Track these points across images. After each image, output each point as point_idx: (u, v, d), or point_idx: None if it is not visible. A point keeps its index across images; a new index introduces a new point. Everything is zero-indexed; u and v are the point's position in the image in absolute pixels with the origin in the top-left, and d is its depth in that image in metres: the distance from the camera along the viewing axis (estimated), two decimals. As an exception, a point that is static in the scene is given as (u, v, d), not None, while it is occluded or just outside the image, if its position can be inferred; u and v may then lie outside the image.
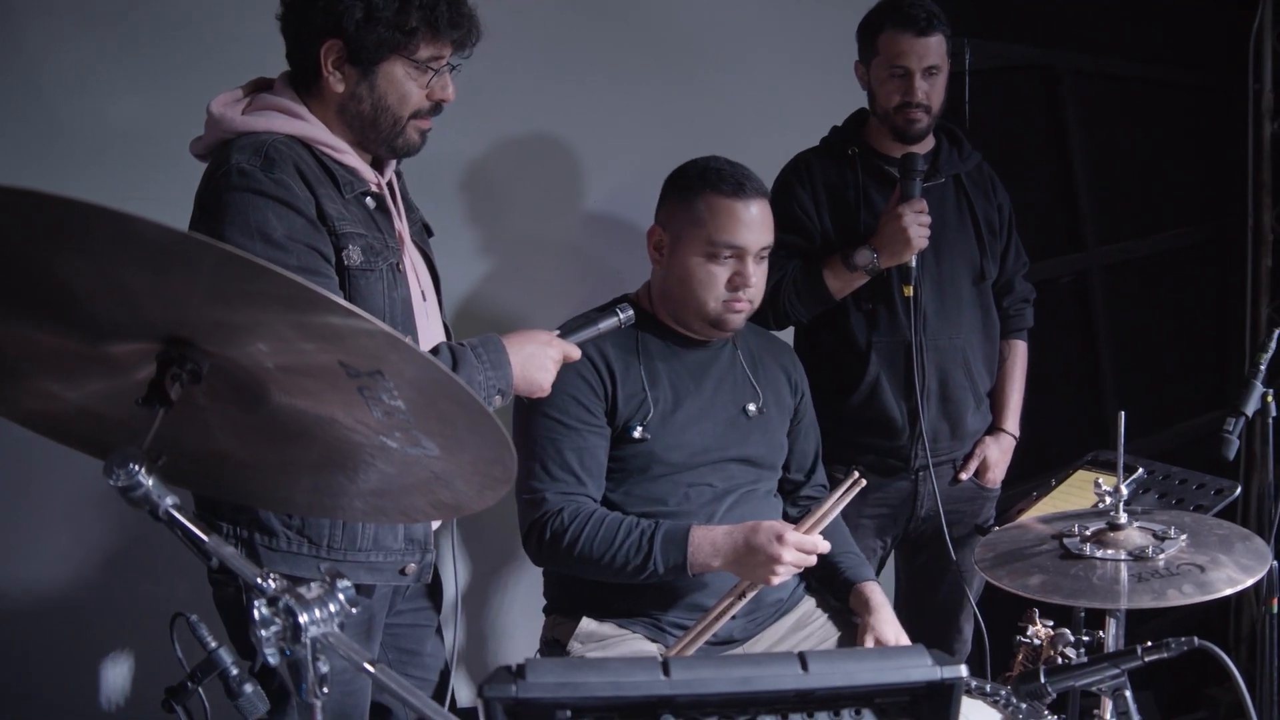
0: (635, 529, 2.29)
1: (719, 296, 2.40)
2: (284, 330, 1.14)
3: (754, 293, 2.43)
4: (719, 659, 1.99)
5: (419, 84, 2.03)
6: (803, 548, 2.20)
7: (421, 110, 2.05)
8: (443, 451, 1.26)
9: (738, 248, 2.38)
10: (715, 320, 2.42)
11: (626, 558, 2.27)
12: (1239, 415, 2.20)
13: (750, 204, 2.39)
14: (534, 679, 1.06)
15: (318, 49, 1.98)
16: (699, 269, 2.39)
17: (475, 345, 2.03)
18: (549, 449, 2.35)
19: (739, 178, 2.40)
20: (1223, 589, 1.86)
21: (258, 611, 1.09)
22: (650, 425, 2.38)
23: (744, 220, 2.38)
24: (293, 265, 1.87)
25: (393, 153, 2.10)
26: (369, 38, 1.95)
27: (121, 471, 1.19)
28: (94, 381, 1.36)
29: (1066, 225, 4.33)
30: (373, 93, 2.01)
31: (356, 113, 2.03)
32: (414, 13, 1.95)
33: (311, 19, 1.98)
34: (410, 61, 2.00)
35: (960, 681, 1.18)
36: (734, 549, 2.24)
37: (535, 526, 2.34)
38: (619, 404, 2.38)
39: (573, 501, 2.34)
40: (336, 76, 2.00)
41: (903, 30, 2.78)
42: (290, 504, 1.72)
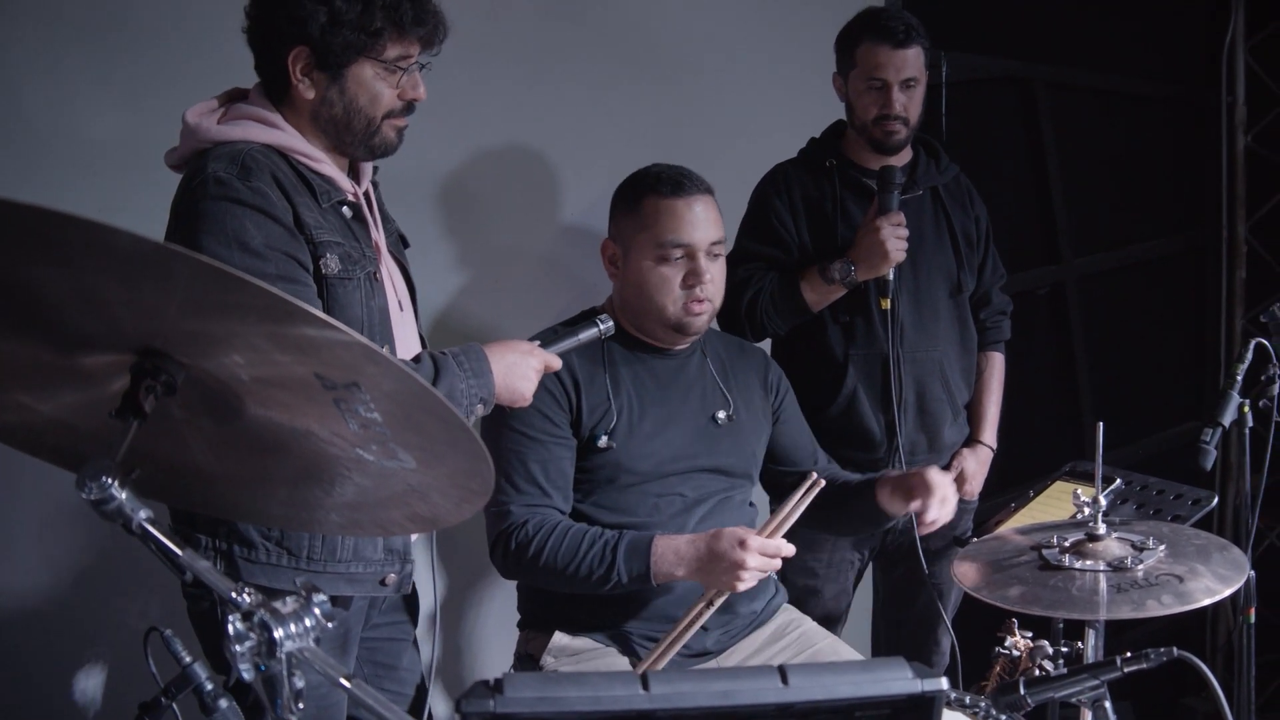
0: (599, 540, 2.28)
1: (676, 299, 2.39)
2: (259, 342, 1.13)
3: (712, 290, 2.42)
4: (698, 672, 1.98)
5: (389, 84, 2.02)
6: (765, 551, 2.18)
7: (394, 110, 2.05)
8: (420, 464, 1.25)
9: (685, 245, 2.38)
10: (676, 324, 2.41)
11: (590, 568, 2.26)
12: (1216, 426, 2.21)
13: (692, 201, 2.39)
14: (512, 694, 1.05)
15: (285, 57, 1.98)
16: (651, 273, 2.39)
17: (457, 354, 2.02)
18: (514, 462, 2.34)
19: (678, 177, 2.42)
20: (1202, 599, 1.87)
21: (232, 626, 1.07)
22: (616, 435, 2.37)
23: (687, 218, 2.38)
24: (271, 274, 1.86)
25: (371, 154, 2.10)
26: (335, 42, 1.95)
27: (94, 485, 1.17)
28: (67, 393, 1.34)
29: (1043, 237, 4.36)
30: (343, 96, 2.00)
31: (329, 118, 2.02)
32: (378, 14, 1.95)
33: (276, 28, 1.98)
34: (378, 62, 1.99)
35: (941, 694, 1.18)
36: (697, 557, 2.22)
37: (501, 538, 2.33)
38: (584, 414, 2.37)
39: (538, 513, 2.33)
40: (306, 83, 1.99)
41: (881, 42, 2.79)
42: (265, 517, 1.70)
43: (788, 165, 2.99)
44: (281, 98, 2.03)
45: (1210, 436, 2.21)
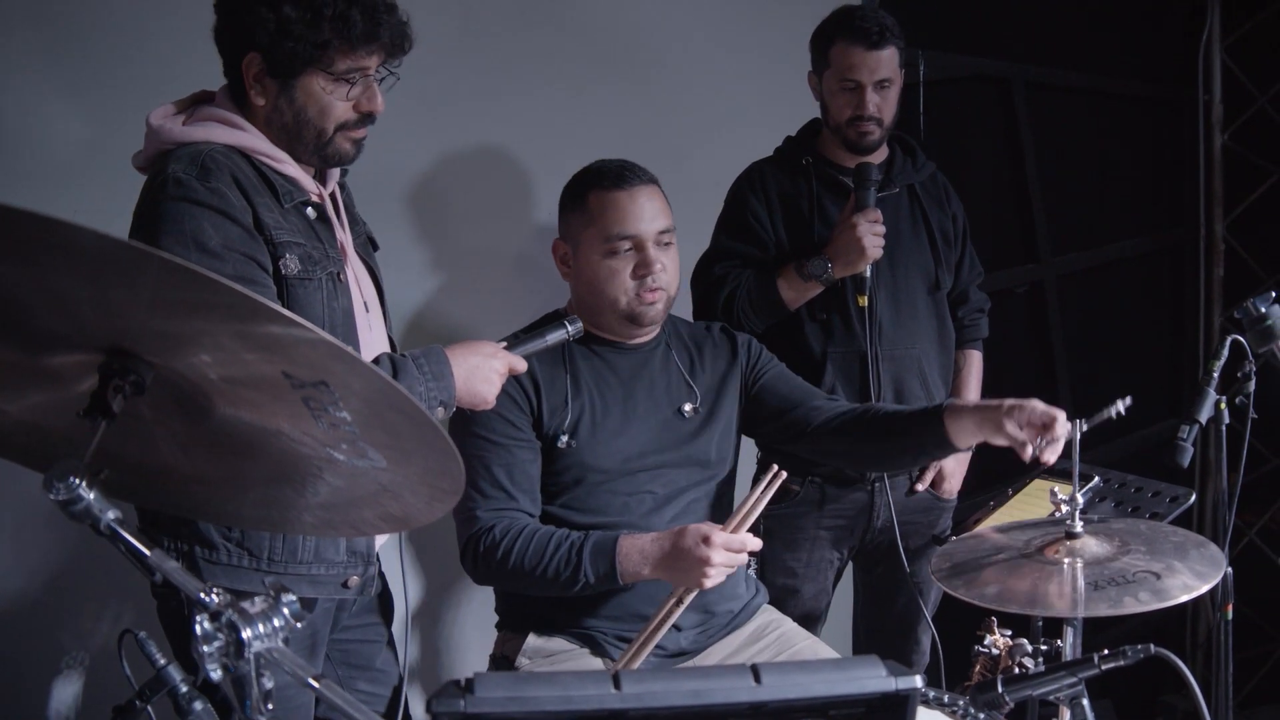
0: (565, 541, 2.26)
1: (629, 289, 2.37)
2: (226, 340, 1.12)
3: (666, 279, 2.39)
4: (670, 672, 1.98)
5: (339, 96, 2.00)
6: (730, 547, 2.15)
7: (348, 122, 2.03)
8: (390, 463, 1.24)
9: (632, 237, 2.37)
10: (630, 314, 2.39)
11: (557, 570, 2.24)
12: (1193, 423, 2.21)
13: (635, 192, 2.38)
14: (483, 694, 1.04)
15: (239, 62, 1.97)
16: (601, 267, 2.38)
17: (417, 356, 2.01)
18: (478, 467, 2.32)
19: (620, 170, 2.41)
20: (1179, 596, 1.86)
21: (200, 627, 1.06)
22: (578, 435, 2.36)
23: (631, 210, 2.37)
24: (228, 274, 1.84)
25: (325, 163, 2.08)
26: (283, 51, 1.93)
27: (61, 485, 1.16)
28: (34, 394, 1.33)
29: (1021, 236, 4.37)
30: (293, 106, 1.99)
31: (281, 125, 2.01)
32: (325, 25, 1.92)
33: (233, 32, 1.98)
34: (328, 75, 1.97)
35: (915, 692, 1.17)
36: (662, 555, 2.20)
37: (470, 544, 2.32)
38: (544, 416, 2.36)
39: (505, 517, 2.32)
40: (257, 89, 1.99)
41: (855, 43, 2.78)
42: (238, 518, 1.69)
43: (764, 163, 2.99)
44: (243, 100, 2.02)
45: (1187, 434, 2.21)
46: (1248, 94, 4.62)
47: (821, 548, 2.92)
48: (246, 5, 1.93)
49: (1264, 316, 2.06)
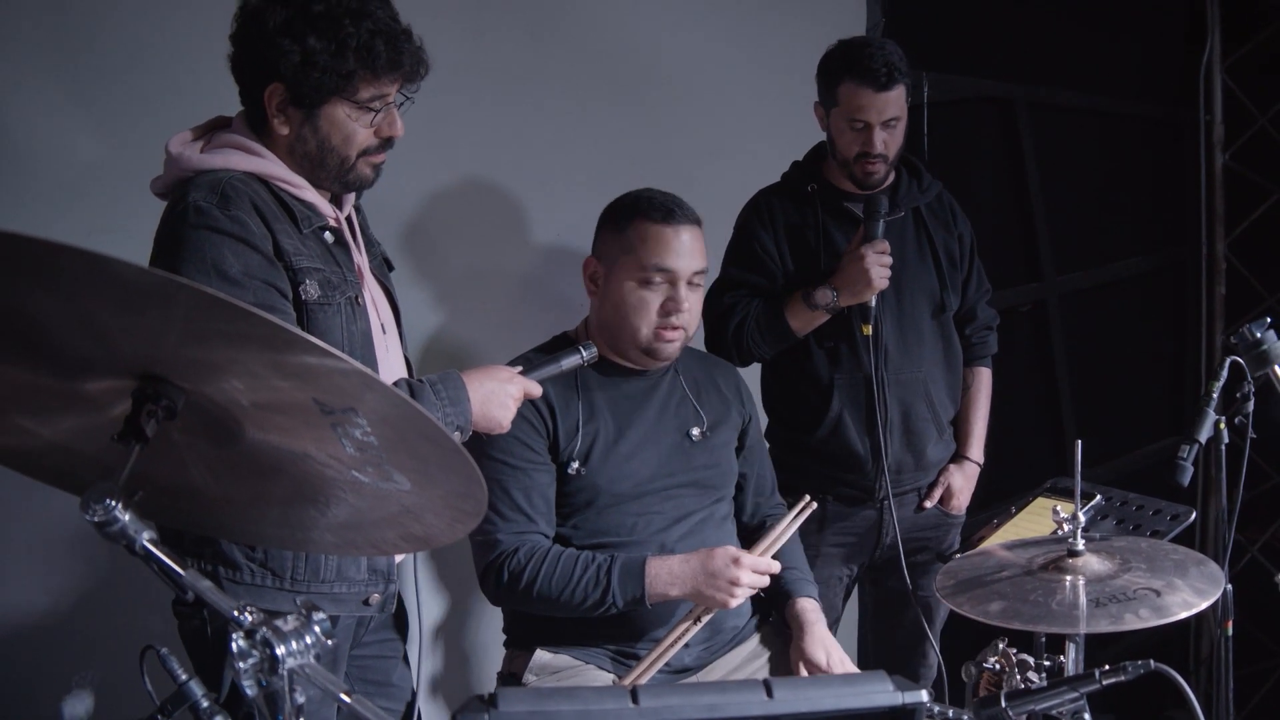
0: (592, 564, 2.31)
1: (651, 323, 2.42)
2: (259, 369, 1.17)
3: (687, 319, 2.44)
4: (685, 686, 2.02)
5: (363, 123, 2.03)
6: (758, 569, 2.25)
7: (370, 148, 2.06)
8: (414, 486, 1.28)
9: (668, 271, 2.41)
10: (648, 348, 2.44)
11: (585, 594, 2.29)
12: (1193, 442, 2.25)
13: (680, 230, 2.43)
14: (505, 708, 1.08)
15: (262, 92, 2.00)
16: (631, 295, 2.42)
17: (434, 381, 2.05)
18: (496, 491, 2.36)
19: (669, 205, 2.45)
20: (1178, 613, 1.90)
21: (236, 644, 1.10)
22: (592, 459, 2.40)
23: (674, 246, 2.41)
24: (249, 301, 1.87)
25: (345, 188, 2.12)
26: (308, 81, 1.96)
27: (98, 507, 1.20)
28: (69, 418, 1.38)
29: (1025, 255, 4.41)
30: (317, 134, 2.02)
31: (304, 153, 2.04)
32: (351, 55, 1.96)
33: (254, 63, 2.00)
34: (352, 103, 2.01)
35: (921, 706, 1.22)
36: (692, 575, 2.26)
37: (492, 568, 2.36)
38: (560, 439, 2.41)
39: (526, 540, 2.36)
40: (281, 119, 2.01)
41: (864, 85, 2.79)
42: (260, 537, 1.73)
43: (770, 192, 3.02)
44: (262, 128, 2.05)
45: (1187, 453, 2.25)
46: (1248, 114, 4.66)
47: (832, 564, 2.96)
48: (268, 38, 1.95)
49: (1259, 342, 2.10)
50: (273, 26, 1.95)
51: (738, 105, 3.53)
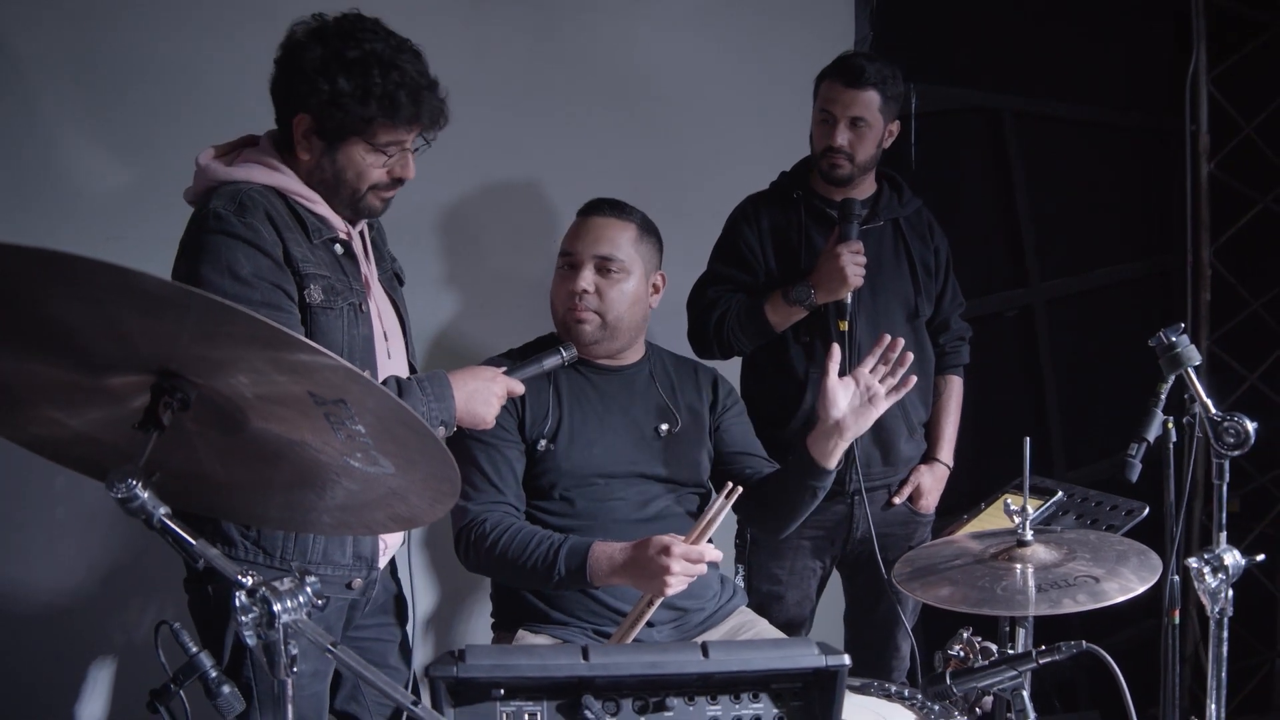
0: (546, 540, 2.46)
1: (563, 304, 2.62)
2: (261, 365, 1.33)
3: (594, 301, 2.61)
4: (630, 646, 2.19)
5: (376, 164, 2.22)
6: (689, 557, 2.30)
7: (381, 184, 2.25)
8: (398, 470, 1.44)
9: (568, 255, 2.63)
10: (563, 325, 2.64)
11: (535, 564, 2.44)
12: (1141, 441, 2.37)
13: (592, 218, 2.65)
14: (472, 661, 1.25)
15: (291, 119, 2.19)
16: (554, 278, 2.66)
17: (422, 379, 2.23)
18: (467, 463, 2.54)
19: (600, 201, 2.68)
20: (1115, 597, 2.05)
21: (239, 600, 1.27)
22: (558, 441, 2.57)
23: (579, 231, 2.64)
24: (256, 300, 2.07)
25: (356, 215, 2.30)
26: (332, 119, 2.15)
27: (121, 486, 1.37)
28: (93, 410, 1.54)
29: (1011, 261, 4.49)
30: (334, 165, 2.21)
31: (321, 179, 2.23)
32: (374, 103, 2.14)
33: (288, 92, 2.19)
34: (369, 144, 2.19)
35: (844, 669, 1.37)
36: (627, 563, 2.38)
37: (463, 533, 2.54)
38: (527, 420, 2.59)
39: (495, 511, 2.53)
40: (304, 145, 2.20)
41: (836, 80, 3.00)
42: (265, 519, 1.90)
43: (758, 196, 3.19)
44: (287, 149, 2.24)
45: (1136, 451, 2.37)
46: (1234, 124, 4.73)
47: (804, 557, 3.11)
48: (305, 73, 2.14)
49: (1173, 345, 2.24)
50: (309, 62, 2.14)
51: (731, 116, 3.69)
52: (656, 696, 1.31)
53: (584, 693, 1.29)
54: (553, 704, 1.31)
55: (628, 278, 2.63)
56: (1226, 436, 2.07)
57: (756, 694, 1.37)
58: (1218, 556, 1.99)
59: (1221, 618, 1.99)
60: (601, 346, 2.66)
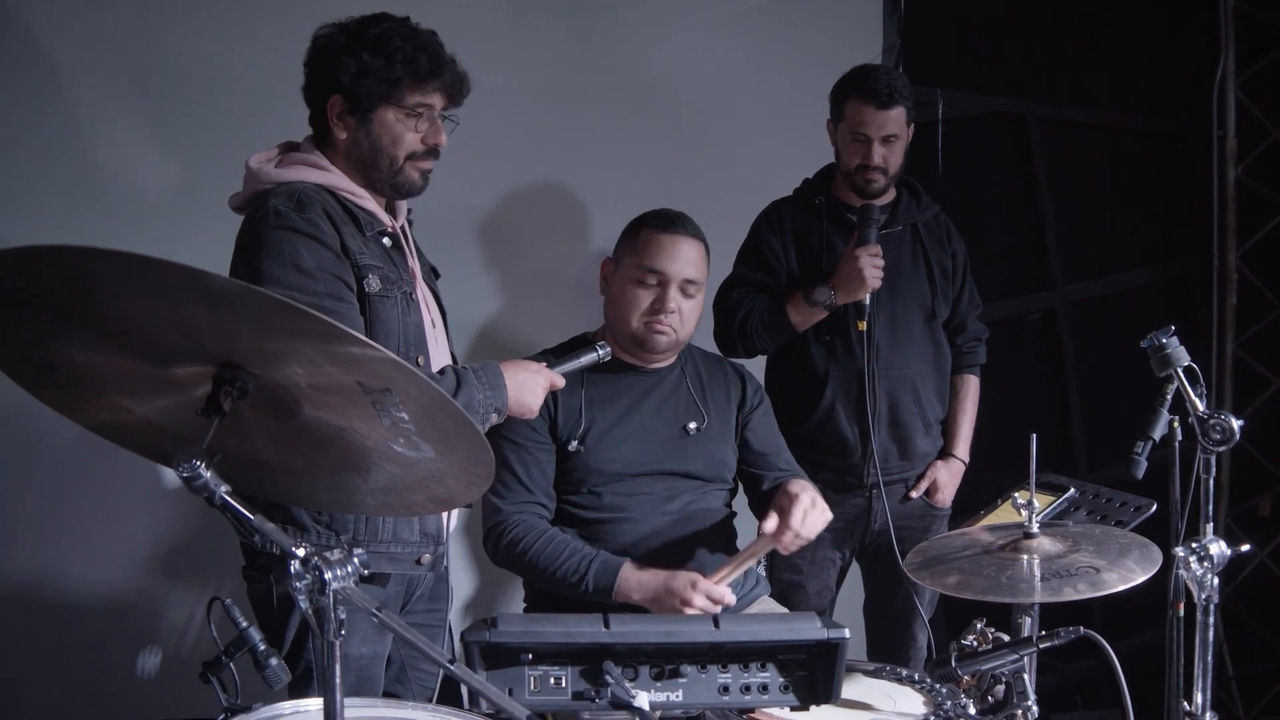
0: (578, 554, 2.59)
1: (641, 317, 2.70)
2: (315, 357, 1.46)
3: (675, 320, 2.71)
4: (647, 616, 2.33)
5: (409, 128, 2.36)
6: (711, 596, 2.49)
7: (416, 152, 2.38)
8: (437, 453, 1.57)
9: (659, 273, 2.68)
10: (637, 339, 2.71)
11: (565, 574, 2.57)
12: (1147, 439, 2.46)
13: (679, 239, 2.70)
14: (504, 628, 1.37)
15: (324, 104, 2.34)
16: (627, 291, 2.71)
17: (477, 369, 2.36)
18: (500, 465, 2.64)
19: (673, 217, 2.73)
20: (1115, 586, 2.15)
21: (293, 566, 1.40)
22: (587, 441, 2.68)
23: (669, 251, 2.69)
24: (320, 291, 2.21)
25: (396, 192, 2.43)
26: (361, 89, 2.31)
27: (186, 466, 1.50)
28: (158, 398, 1.66)
29: (1035, 264, 4.56)
30: (369, 137, 2.35)
31: (359, 156, 2.37)
32: (398, 65, 2.30)
33: (318, 79, 2.35)
34: (400, 108, 2.34)
35: (844, 641, 1.49)
36: (655, 588, 2.52)
37: (492, 532, 2.67)
38: (560, 421, 2.69)
39: (525, 512, 2.65)
40: (339, 126, 2.35)
41: (866, 102, 3.11)
42: (313, 500, 2.03)
43: (782, 202, 3.32)
44: (326, 143, 2.38)
45: (1141, 449, 2.45)
46: (1261, 128, 4.75)
47: (824, 548, 3.22)
48: (330, 54, 2.32)
49: (1163, 346, 2.34)
50: (335, 48, 2.32)
51: (759, 122, 3.81)
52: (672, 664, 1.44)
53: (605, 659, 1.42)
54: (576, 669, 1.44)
55: (700, 294, 2.75)
56: (1213, 433, 2.16)
57: (764, 663, 1.49)
58: (1204, 546, 2.09)
59: (1208, 604, 2.08)
60: (666, 355, 2.78)
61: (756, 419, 2.90)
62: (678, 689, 1.49)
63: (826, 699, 1.66)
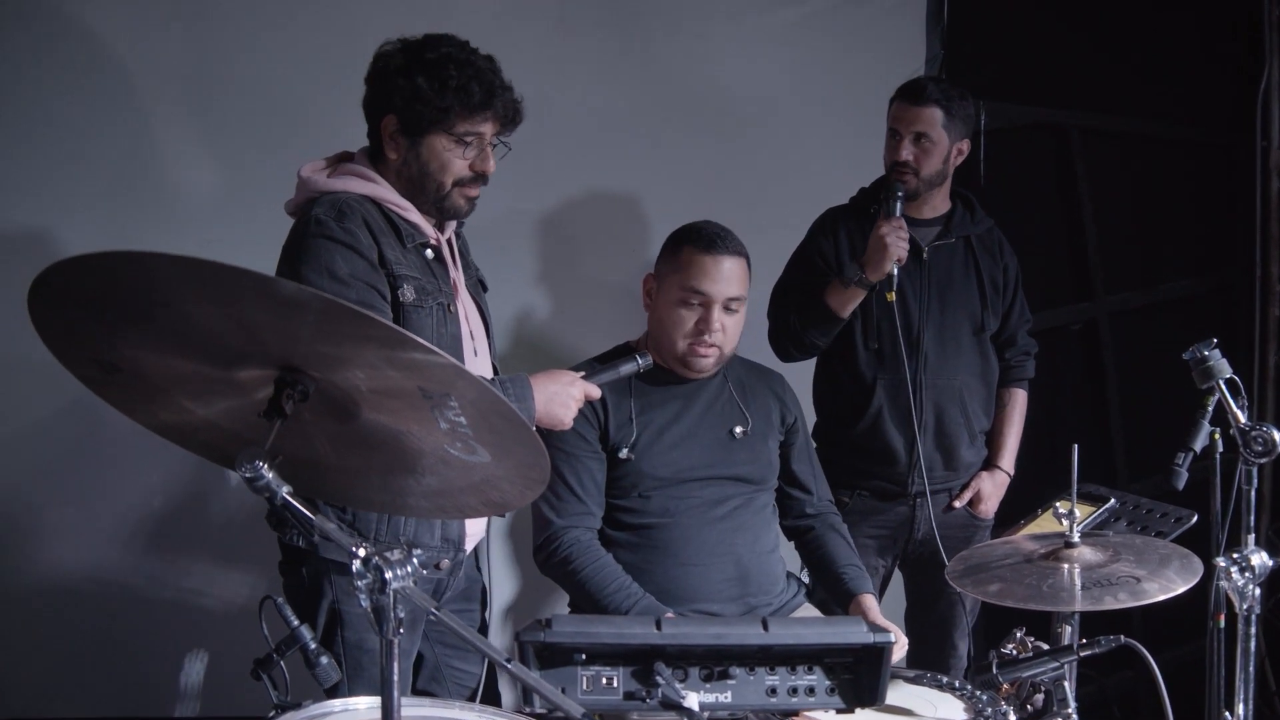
0: (624, 590, 2.59)
1: (686, 337, 2.73)
2: (377, 362, 1.50)
3: (721, 338, 2.73)
4: (698, 618, 2.36)
5: (458, 155, 2.40)
6: None
7: (464, 179, 2.43)
8: (493, 458, 1.61)
9: (703, 295, 2.70)
10: (682, 359, 2.75)
11: (607, 604, 2.56)
12: (1187, 451, 2.47)
13: (720, 259, 2.70)
14: (558, 628, 1.41)
15: (379, 122, 2.41)
16: (672, 311, 2.74)
17: (505, 381, 2.41)
18: (552, 475, 2.66)
19: (714, 235, 2.73)
20: (1156, 596, 2.16)
21: (354, 566, 1.44)
22: (637, 448, 2.72)
23: (711, 273, 2.70)
24: (352, 298, 2.25)
25: (442, 215, 2.49)
26: (413, 113, 2.36)
27: (249, 467, 1.55)
28: (221, 400, 1.70)
29: (1076, 275, 4.56)
30: (419, 160, 2.41)
31: (408, 176, 2.42)
32: (450, 94, 2.35)
33: (376, 99, 2.42)
34: (450, 135, 2.39)
35: (889, 645, 1.52)
36: None
37: (545, 545, 2.71)
38: (610, 431, 2.73)
39: (577, 525, 2.69)
40: (392, 145, 2.41)
41: (902, 99, 3.18)
42: (368, 502, 2.07)
43: (837, 209, 3.36)
44: (380, 158, 2.44)
45: (1182, 460, 2.47)
46: (1304, 139, 4.77)
47: (868, 555, 3.24)
48: (388, 77, 2.38)
49: (1205, 359, 2.36)
50: (393, 68, 2.38)
51: (807, 133, 3.86)
52: (721, 665, 1.47)
53: (656, 660, 1.45)
54: (628, 669, 1.48)
55: (742, 308, 2.77)
56: (1254, 445, 2.18)
57: (811, 666, 1.52)
58: (1245, 557, 2.10)
59: (1249, 615, 2.10)
60: (713, 370, 2.81)
61: (790, 438, 2.95)
62: (726, 690, 1.53)
63: (871, 702, 1.69)
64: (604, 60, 3.65)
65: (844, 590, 2.80)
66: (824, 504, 2.97)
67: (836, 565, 2.81)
